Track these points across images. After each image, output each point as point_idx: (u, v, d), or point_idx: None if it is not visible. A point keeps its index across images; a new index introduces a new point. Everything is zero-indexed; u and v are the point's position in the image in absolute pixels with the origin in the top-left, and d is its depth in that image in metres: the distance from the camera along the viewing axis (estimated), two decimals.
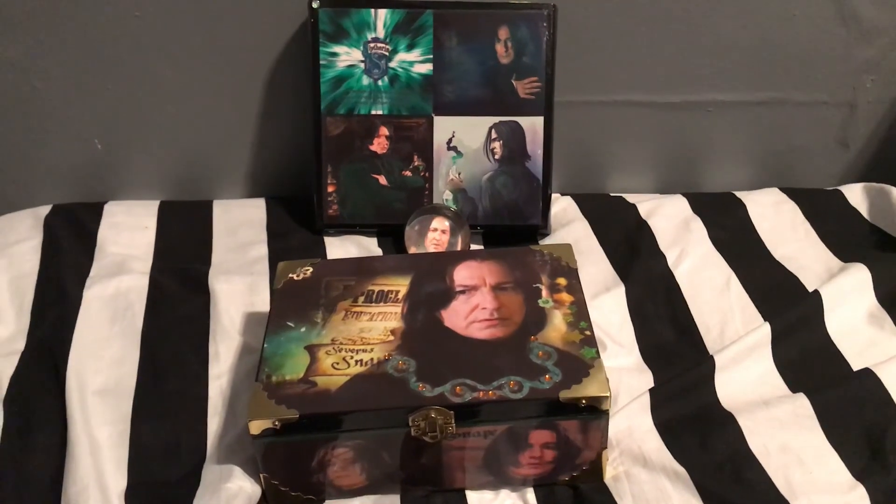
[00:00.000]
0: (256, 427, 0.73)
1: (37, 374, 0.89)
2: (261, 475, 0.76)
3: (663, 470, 0.78)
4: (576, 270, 0.87)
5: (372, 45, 1.06)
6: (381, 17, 1.05)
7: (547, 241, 1.12)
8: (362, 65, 1.07)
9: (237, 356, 0.93)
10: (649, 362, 0.92)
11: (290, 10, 1.07)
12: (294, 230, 1.13)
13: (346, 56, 1.06)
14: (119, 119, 1.15)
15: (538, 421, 0.75)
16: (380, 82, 1.07)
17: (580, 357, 0.77)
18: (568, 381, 0.74)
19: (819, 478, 0.77)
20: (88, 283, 1.01)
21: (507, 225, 1.12)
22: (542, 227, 1.12)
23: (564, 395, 0.73)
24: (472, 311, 0.82)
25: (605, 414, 0.74)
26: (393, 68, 1.07)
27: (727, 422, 0.82)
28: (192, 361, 0.92)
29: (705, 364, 0.89)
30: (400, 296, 0.85)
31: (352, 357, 0.78)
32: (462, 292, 0.85)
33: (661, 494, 0.76)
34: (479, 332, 0.80)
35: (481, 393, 0.74)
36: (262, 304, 1.00)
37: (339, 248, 1.10)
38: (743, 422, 0.82)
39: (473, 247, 1.10)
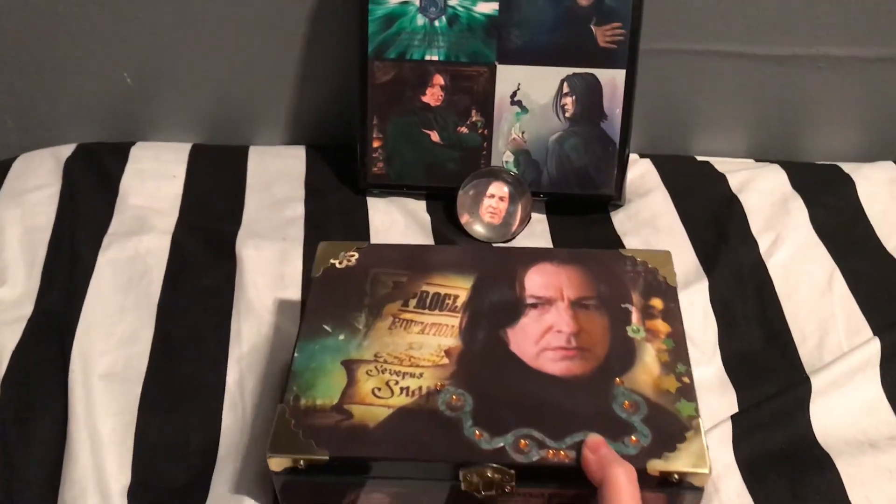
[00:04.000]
0: (277, 464, 0.62)
1: (41, 351, 0.81)
2: None
3: None
4: (675, 290, 0.73)
5: None
6: None
7: (620, 213, 0.98)
8: (417, 1, 0.92)
9: (261, 336, 0.83)
10: (732, 375, 0.79)
11: None
12: (334, 187, 1.02)
13: None
14: (151, 52, 1.04)
15: None
16: (436, 23, 0.93)
17: (675, 414, 0.63)
18: (658, 446, 0.61)
19: None
20: (105, 243, 0.92)
21: (575, 194, 0.98)
22: (615, 198, 0.98)
23: (653, 466, 0.60)
24: (544, 334, 0.69)
25: (700, 491, 0.61)
26: (452, 7, 0.92)
27: (824, 465, 0.70)
28: (211, 341, 0.83)
29: (800, 386, 0.76)
30: (459, 303, 0.72)
31: (397, 382, 0.66)
32: (534, 306, 0.71)
33: None
34: (552, 364, 0.67)
35: (551, 452, 0.61)
36: (293, 275, 0.90)
37: (384, 211, 0.98)
38: (843, 466, 0.69)
39: (535, 217, 0.97)
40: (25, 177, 1.01)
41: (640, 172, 1.03)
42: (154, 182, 1.01)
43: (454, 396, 0.65)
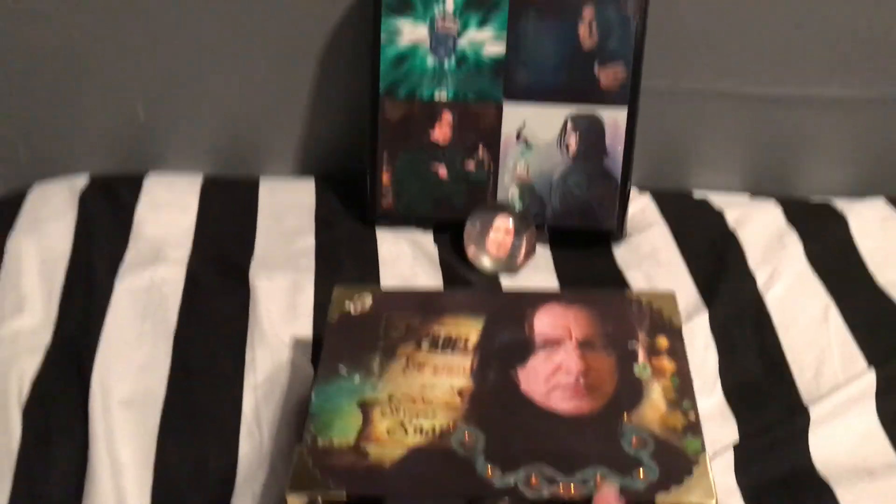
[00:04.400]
0: (296, 501, 0.64)
1: (61, 378, 0.82)
2: None
3: None
4: (679, 329, 0.75)
5: (439, 20, 0.95)
6: None
7: (622, 247, 1.01)
8: (427, 43, 0.96)
9: (275, 364, 0.85)
10: (733, 404, 0.82)
11: None
12: (344, 219, 1.04)
13: (411, 32, 0.96)
14: (164, 85, 1.06)
15: None
16: (446, 63, 0.97)
17: (682, 450, 0.66)
18: (666, 480, 0.63)
19: None
20: (121, 273, 0.94)
21: (577, 228, 1.01)
22: (617, 233, 1.01)
23: (662, 499, 0.63)
24: (554, 373, 0.72)
25: None
26: (461, 48, 0.96)
27: (822, 492, 0.72)
28: (228, 369, 0.84)
29: (799, 416, 0.78)
30: (470, 345, 0.75)
31: (411, 422, 0.68)
32: (543, 347, 0.74)
33: None
34: (562, 402, 0.69)
35: (562, 486, 0.64)
36: (306, 304, 0.92)
37: (392, 243, 1.01)
38: (841, 493, 0.72)
39: (539, 250, 1.00)
40: (41, 207, 1.03)
41: (641, 207, 1.07)
42: (168, 213, 1.04)
43: (467, 435, 0.68)
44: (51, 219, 1.01)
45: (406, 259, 0.99)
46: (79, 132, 1.10)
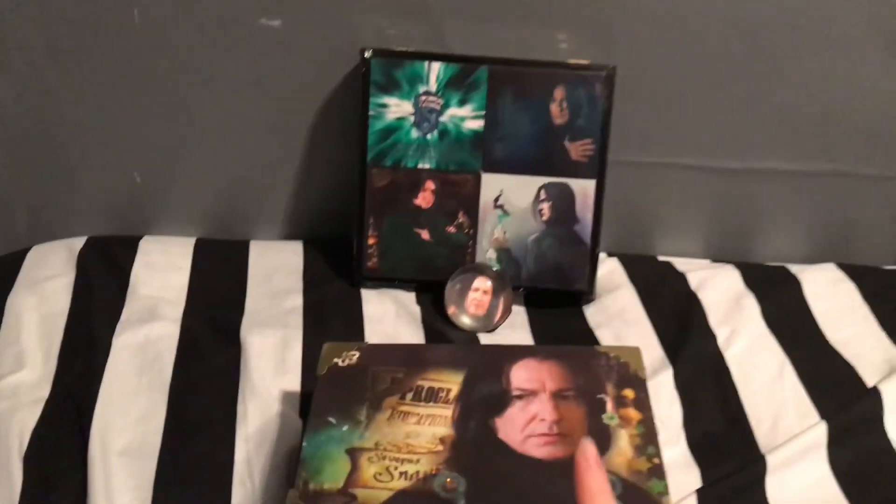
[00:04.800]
0: None
1: (60, 430, 0.86)
2: None
3: None
4: (644, 381, 0.82)
5: (423, 98, 1.03)
6: (435, 70, 1.02)
7: (592, 307, 1.07)
8: (412, 117, 1.03)
9: (266, 417, 0.89)
10: (696, 454, 0.88)
11: (342, 56, 1.04)
12: (331, 280, 1.10)
13: (396, 108, 1.03)
14: (160, 153, 1.12)
15: None
16: (429, 136, 1.04)
17: (647, 492, 0.71)
18: None
19: None
20: (119, 330, 0.98)
21: (551, 288, 1.08)
22: (587, 293, 1.08)
23: None
24: (529, 423, 0.77)
25: None
26: (443, 123, 1.04)
27: None
28: (220, 421, 0.89)
29: (756, 464, 0.84)
30: (451, 396, 0.81)
31: (396, 468, 0.74)
32: (519, 397, 0.80)
33: None
34: (537, 449, 0.75)
35: None
36: (294, 360, 0.97)
37: (377, 302, 1.07)
38: None
39: (515, 309, 1.06)
40: (40, 267, 1.08)
41: (609, 270, 1.13)
42: (162, 273, 1.08)
43: (449, 479, 0.72)
44: (50, 278, 1.05)
45: (390, 317, 1.04)
46: (77, 197, 1.15)
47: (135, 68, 1.05)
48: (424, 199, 1.06)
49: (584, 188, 1.05)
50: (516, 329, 1.05)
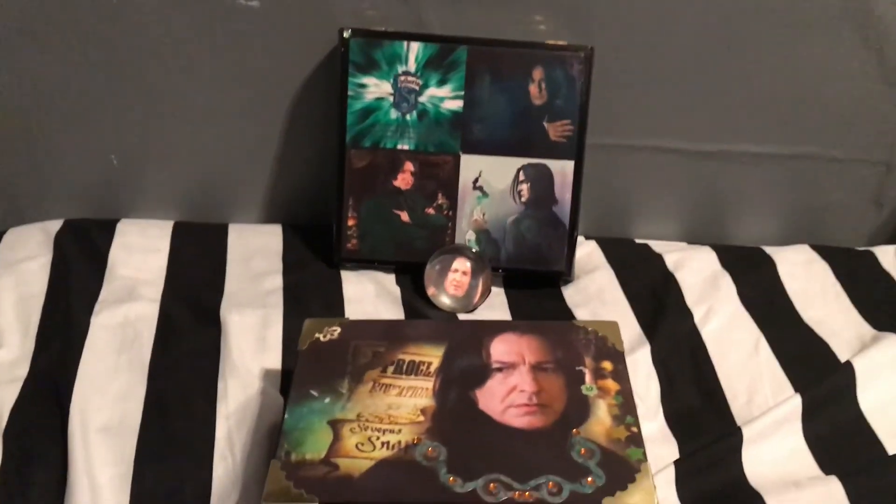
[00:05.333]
0: None
1: (38, 407, 0.86)
2: None
3: None
4: (622, 354, 0.83)
5: (402, 78, 1.03)
6: (414, 50, 1.02)
7: (570, 288, 1.08)
8: (391, 98, 1.04)
9: (246, 395, 0.89)
10: (674, 428, 0.89)
11: (320, 36, 1.05)
12: (310, 262, 1.10)
13: (375, 88, 1.03)
14: (137, 135, 1.12)
15: None
16: (408, 117, 1.04)
17: (626, 458, 0.72)
18: (612, 486, 0.69)
19: None
20: (97, 310, 0.98)
21: (529, 270, 1.08)
22: (565, 274, 1.08)
23: (608, 502, 0.69)
24: (509, 394, 0.78)
25: None
26: (422, 103, 1.04)
27: (755, 502, 0.79)
28: (200, 399, 0.89)
29: (733, 436, 0.85)
30: (432, 369, 0.81)
31: (378, 438, 0.74)
32: (499, 370, 0.81)
33: None
34: (517, 419, 0.76)
35: (517, 493, 0.69)
36: (275, 339, 0.97)
37: (356, 283, 1.07)
38: (771, 503, 0.79)
39: (494, 290, 1.07)
40: (17, 248, 1.07)
41: (587, 252, 1.14)
42: (140, 255, 1.08)
43: (430, 448, 0.73)
44: (27, 259, 1.05)
45: (370, 298, 1.05)
46: (53, 181, 1.14)
47: (111, 50, 1.05)
48: (404, 180, 1.06)
49: (563, 169, 1.06)
50: (495, 309, 1.05)
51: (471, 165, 1.06)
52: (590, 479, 0.70)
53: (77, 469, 0.79)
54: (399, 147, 1.05)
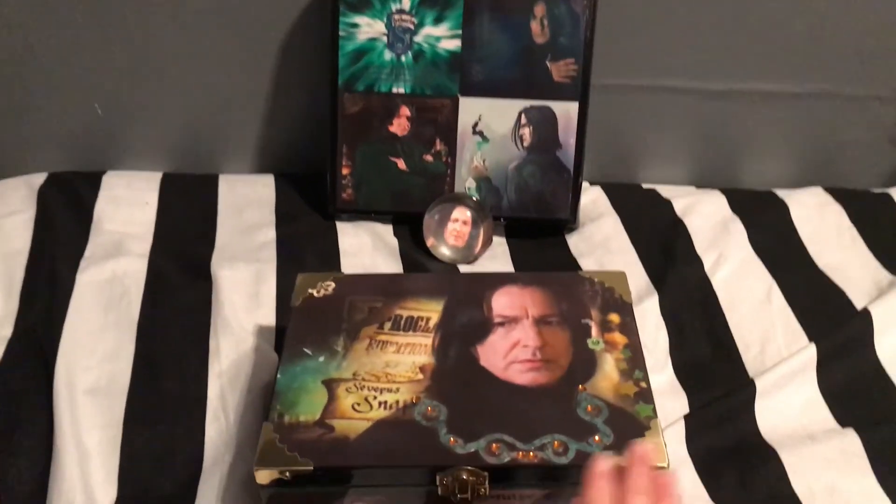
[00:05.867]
0: (265, 476, 0.66)
1: (24, 368, 0.83)
2: None
3: None
4: (630, 305, 0.79)
5: (396, 16, 0.98)
6: None
7: (574, 236, 1.04)
8: (385, 38, 0.98)
9: (239, 352, 0.86)
10: (683, 380, 0.86)
11: None
12: (304, 213, 1.06)
13: (368, 28, 0.98)
14: (122, 83, 1.07)
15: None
16: (403, 58, 0.99)
17: (634, 415, 0.69)
18: (620, 444, 0.66)
19: None
20: (82, 266, 0.94)
21: (532, 218, 1.04)
22: (570, 222, 1.04)
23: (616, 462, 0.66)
24: (511, 349, 0.74)
25: None
26: (418, 43, 0.99)
27: (768, 457, 0.76)
28: (192, 357, 0.86)
29: (745, 389, 0.82)
30: (431, 324, 0.77)
31: (375, 397, 0.70)
32: (501, 324, 0.77)
33: None
34: (520, 375, 0.72)
35: (521, 454, 0.66)
36: (268, 294, 0.93)
37: (352, 235, 1.03)
38: (786, 458, 0.76)
39: (496, 240, 1.03)
40: None
41: (592, 198, 1.10)
42: (128, 208, 1.04)
43: (429, 408, 0.70)
44: (9, 215, 1.01)
45: (367, 250, 1.01)
46: (36, 131, 1.10)
47: None
48: (399, 125, 1.02)
49: (566, 111, 1.01)
50: (497, 260, 1.02)
51: (470, 109, 1.01)
52: (597, 437, 0.67)
53: (64, 433, 0.76)
54: (394, 91, 1.00)
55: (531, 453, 0.66)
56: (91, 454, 0.75)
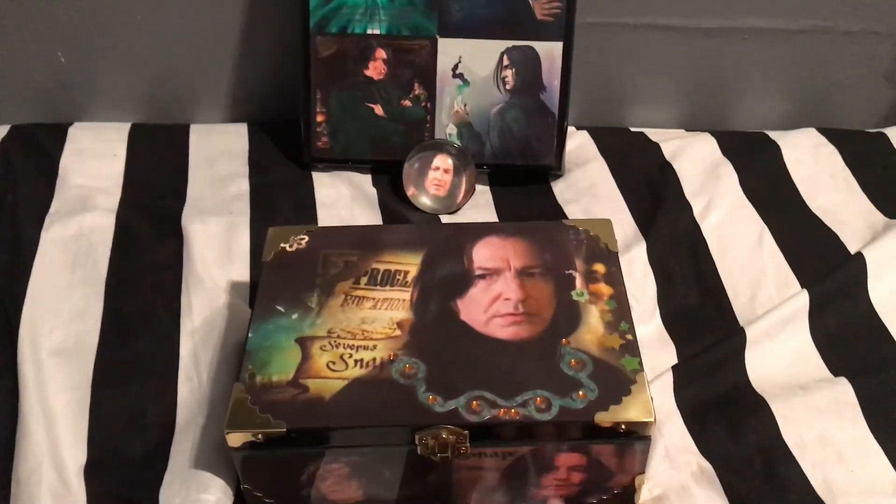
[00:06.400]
0: (236, 440, 0.63)
1: None
2: (242, 486, 0.67)
3: (686, 464, 0.70)
4: (616, 255, 0.76)
5: None
6: None
7: (560, 183, 1.01)
8: None
9: (212, 309, 0.83)
10: (671, 330, 0.83)
11: None
12: (279, 163, 1.02)
13: None
14: (86, 29, 1.02)
15: (568, 444, 0.64)
16: None
17: (620, 369, 0.66)
18: (605, 399, 0.64)
19: (861, 478, 0.69)
20: (47, 222, 0.91)
21: (516, 165, 1.01)
22: (555, 168, 1.01)
23: (601, 417, 0.63)
24: (493, 302, 0.71)
25: (648, 439, 0.64)
26: None
27: (759, 408, 0.74)
28: (162, 315, 0.83)
29: (735, 337, 0.80)
30: (409, 278, 0.74)
31: (350, 355, 0.67)
32: (482, 277, 0.74)
33: (683, 492, 0.68)
34: (501, 329, 0.69)
35: (502, 411, 0.64)
36: (241, 249, 0.90)
37: (329, 186, 0.99)
38: (777, 408, 0.74)
39: (479, 188, 0.99)
40: None
41: (578, 143, 1.06)
42: (95, 161, 1.00)
43: (407, 365, 0.67)
44: None
45: (345, 201, 0.98)
46: None
47: None
48: (376, 69, 0.97)
49: (550, 52, 0.96)
50: (480, 209, 0.98)
51: (449, 50, 0.96)
52: (581, 392, 0.65)
53: (29, 396, 0.73)
54: (369, 32, 0.96)
55: (513, 410, 0.64)
56: (58, 417, 0.73)
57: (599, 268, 0.75)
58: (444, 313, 0.71)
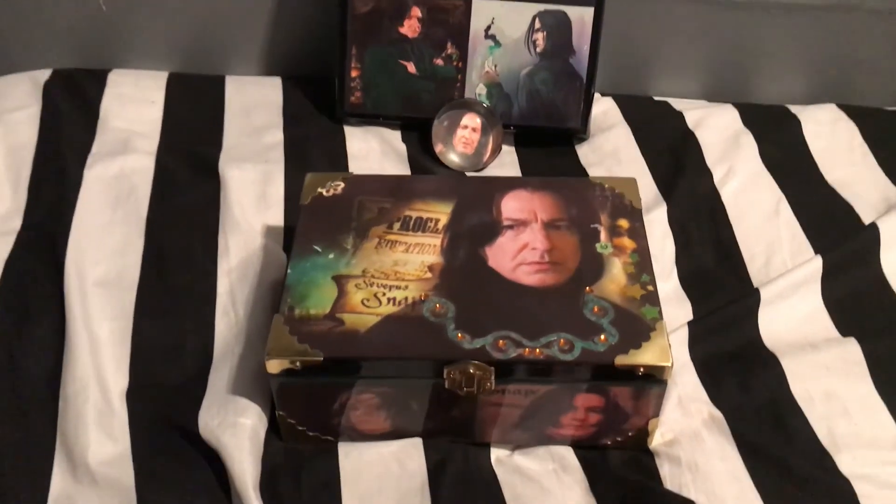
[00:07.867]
0: (275, 366, 0.67)
1: (34, 260, 0.83)
2: (277, 412, 0.71)
3: (698, 412, 0.73)
4: (640, 211, 0.79)
5: None
6: None
7: (584, 146, 1.04)
8: None
9: (248, 250, 0.87)
10: (688, 289, 0.86)
11: None
12: (312, 116, 1.05)
13: None
14: None
15: (587, 385, 0.68)
16: None
17: (640, 317, 0.70)
18: (625, 344, 0.67)
19: (864, 431, 0.72)
20: (90, 162, 0.94)
21: (543, 126, 1.03)
22: (580, 131, 1.03)
23: (620, 360, 0.66)
24: (520, 251, 0.75)
25: (664, 384, 0.68)
26: None
27: (769, 363, 0.77)
28: (200, 254, 0.86)
29: (749, 297, 0.83)
30: (440, 225, 0.77)
31: (384, 294, 0.71)
32: (510, 227, 0.77)
33: (694, 437, 0.72)
34: (528, 276, 0.73)
35: (527, 350, 0.67)
36: (276, 195, 0.93)
37: (360, 139, 1.02)
38: (786, 364, 0.77)
39: (505, 148, 1.02)
40: (3, 98, 1.02)
41: (603, 109, 1.09)
42: (134, 106, 1.03)
43: (438, 304, 0.70)
44: (14, 109, 1.00)
45: (375, 155, 1.00)
46: (38, 27, 1.07)
47: None
48: (410, 27, 1.00)
49: (581, 17, 0.99)
50: (505, 168, 1.01)
51: (482, 11, 0.99)
52: (602, 336, 0.68)
53: (76, 323, 0.77)
54: None
55: (537, 350, 0.67)
56: (102, 344, 0.76)
57: (623, 223, 0.78)
58: (473, 259, 0.74)
